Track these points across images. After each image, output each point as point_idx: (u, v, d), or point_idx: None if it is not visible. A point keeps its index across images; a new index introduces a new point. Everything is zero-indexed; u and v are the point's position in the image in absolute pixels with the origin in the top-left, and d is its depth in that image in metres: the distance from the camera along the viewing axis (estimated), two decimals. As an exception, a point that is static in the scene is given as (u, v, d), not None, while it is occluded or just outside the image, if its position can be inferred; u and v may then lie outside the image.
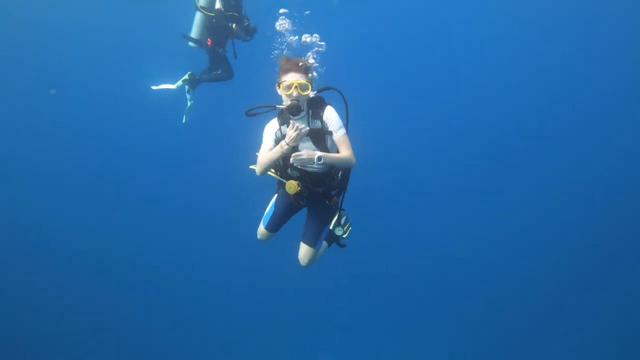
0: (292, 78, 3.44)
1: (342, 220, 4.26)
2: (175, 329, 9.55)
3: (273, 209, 4.19)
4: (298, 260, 4.21)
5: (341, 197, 4.12)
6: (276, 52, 5.49)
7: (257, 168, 3.69)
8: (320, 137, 3.58)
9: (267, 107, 3.66)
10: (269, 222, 4.20)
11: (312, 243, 4.08)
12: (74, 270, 9.46)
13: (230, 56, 6.81)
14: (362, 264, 10.07)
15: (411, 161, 11.62)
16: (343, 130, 3.63)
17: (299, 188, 3.70)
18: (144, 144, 11.08)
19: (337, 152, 3.70)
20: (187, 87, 6.97)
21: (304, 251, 4.14)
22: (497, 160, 11.56)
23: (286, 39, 5.53)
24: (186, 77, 6.92)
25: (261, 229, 4.27)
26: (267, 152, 3.63)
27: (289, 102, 3.45)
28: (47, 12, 11.23)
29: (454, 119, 11.95)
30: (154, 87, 6.90)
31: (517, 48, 12.28)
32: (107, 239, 9.85)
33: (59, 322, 8.80)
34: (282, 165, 3.80)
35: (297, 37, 5.79)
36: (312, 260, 4.16)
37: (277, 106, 3.61)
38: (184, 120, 7.28)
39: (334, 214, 4.21)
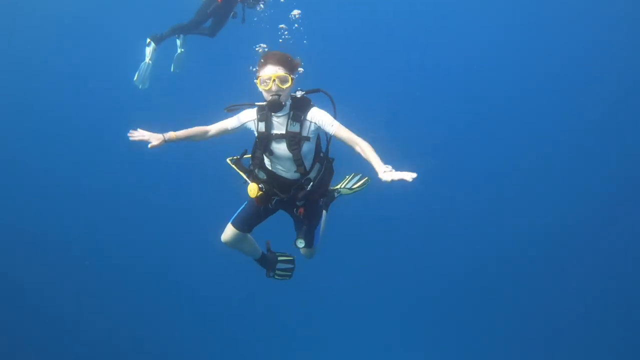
0: (269, 71, 3.19)
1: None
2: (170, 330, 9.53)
3: (245, 204, 3.84)
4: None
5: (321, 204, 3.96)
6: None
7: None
8: (295, 141, 3.36)
9: (247, 104, 3.48)
10: (237, 217, 3.79)
11: (309, 244, 3.89)
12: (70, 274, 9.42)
13: (236, 21, 6.71)
14: (364, 264, 10.05)
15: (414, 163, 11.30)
16: (337, 122, 3.38)
17: (260, 192, 3.53)
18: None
19: (320, 154, 3.59)
20: (153, 44, 6.65)
21: (303, 251, 4.02)
22: (497, 161, 11.36)
23: None
24: (148, 40, 6.64)
25: (227, 229, 3.81)
26: (220, 125, 3.51)
27: (269, 98, 3.23)
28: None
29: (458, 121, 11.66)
30: (135, 79, 6.69)
31: (516, 50, 11.91)
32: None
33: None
34: (251, 164, 3.62)
35: None
36: (314, 253, 4.08)
37: (257, 104, 3.41)
38: (172, 69, 7.21)
39: (320, 212, 3.99)
